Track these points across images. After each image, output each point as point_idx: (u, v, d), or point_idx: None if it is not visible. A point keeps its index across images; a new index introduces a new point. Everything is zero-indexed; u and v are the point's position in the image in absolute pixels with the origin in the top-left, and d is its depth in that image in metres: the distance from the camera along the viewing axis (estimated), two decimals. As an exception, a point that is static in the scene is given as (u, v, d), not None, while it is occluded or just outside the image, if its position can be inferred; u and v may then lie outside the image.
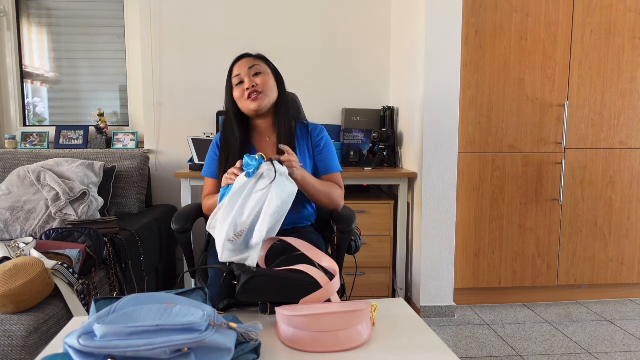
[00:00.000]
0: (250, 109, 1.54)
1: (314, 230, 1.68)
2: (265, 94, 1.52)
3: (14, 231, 2.06)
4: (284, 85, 1.63)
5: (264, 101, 1.52)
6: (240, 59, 1.57)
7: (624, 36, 2.57)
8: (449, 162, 2.45)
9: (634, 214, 2.68)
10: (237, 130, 1.56)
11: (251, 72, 1.53)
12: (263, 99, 1.52)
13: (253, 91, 1.51)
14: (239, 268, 1.16)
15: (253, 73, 1.53)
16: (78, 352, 0.73)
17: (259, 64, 1.56)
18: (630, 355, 2.09)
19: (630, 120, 2.62)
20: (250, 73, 1.53)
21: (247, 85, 1.51)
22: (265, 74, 1.55)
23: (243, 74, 1.53)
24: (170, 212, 2.77)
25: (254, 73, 1.53)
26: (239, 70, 1.54)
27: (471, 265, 2.61)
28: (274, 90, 1.57)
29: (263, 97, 1.52)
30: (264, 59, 1.60)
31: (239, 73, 1.54)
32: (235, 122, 1.57)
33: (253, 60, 1.56)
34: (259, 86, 1.52)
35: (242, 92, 1.53)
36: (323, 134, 1.66)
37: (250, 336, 0.88)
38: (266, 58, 1.61)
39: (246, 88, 1.52)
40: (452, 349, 2.15)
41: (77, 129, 3.00)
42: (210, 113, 2.96)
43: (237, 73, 1.55)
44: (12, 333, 1.34)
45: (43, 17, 3.05)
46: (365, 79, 3.10)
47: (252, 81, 1.52)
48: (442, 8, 2.37)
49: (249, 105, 1.53)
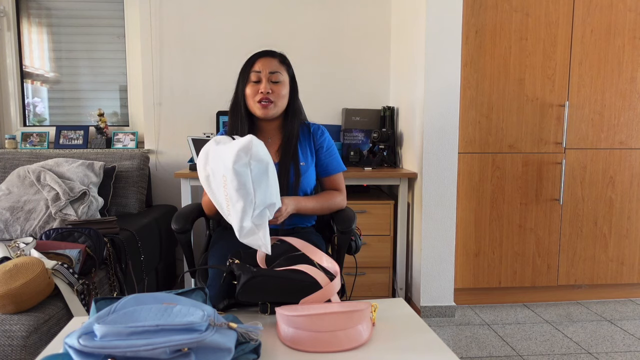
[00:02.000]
0: (257, 114, 1.54)
1: (314, 231, 1.68)
2: (276, 104, 1.52)
3: (14, 231, 2.06)
4: (296, 92, 1.62)
5: (271, 111, 1.52)
6: (265, 56, 1.54)
7: (624, 36, 2.57)
8: (449, 162, 2.45)
9: (634, 214, 2.68)
10: (245, 125, 1.55)
11: (272, 78, 1.51)
12: (272, 109, 1.52)
13: (265, 98, 1.50)
14: (239, 268, 1.16)
15: (273, 79, 1.51)
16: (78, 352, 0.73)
17: (280, 72, 1.53)
18: (630, 355, 2.09)
19: (630, 120, 2.62)
20: (270, 78, 1.51)
21: (263, 89, 1.49)
22: (282, 83, 1.53)
23: (263, 75, 1.51)
24: (170, 212, 2.77)
25: (274, 80, 1.51)
26: (261, 67, 1.51)
27: (471, 265, 2.61)
28: (285, 100, 1.56)
29: (273, 107, 1.52)
30: (287, 64, 1.58)
31: (260, 70, 1.51)
32: (245, 116, 1.56)
33: (277, 65, 1.53)
34: (272, 95, 1.50)
35: (256, 92, 1.51)
36: (325, 136, 1.67)
37: (250, 336, 0.88)
38: (288, 62, 1.60)
39: (260, 92, 1.50)
40: (452, 349, 2.15)
41: (77, 129, 3.00)
42: (210, 113, 2.96)
43: (259, 70, 1.51)
44: (12, 333, 1.34)
45: (43, 17, 3.05)
46: (365, 79, 3.10)
47: (269, 88, 1.50)
48: (442, 8, 2.37)
49: (257, 109, 1.52)
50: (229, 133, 1.59)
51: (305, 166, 1.58)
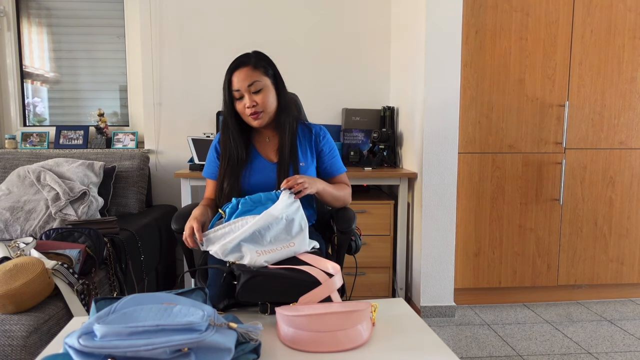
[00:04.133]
0: (254, 125, 1.54)
1: (314, 231, 1.68)
2: (266, 112, 1.52)
3: (14, 231, 2.06)
4: (284, 89, 1.59)
5: (263, 120, 1.52)
6: (238, 68, 1.50)
7: (624, 36, 2.57)
8: (449, 162, 2.45)
9: (634, 214, 2.68)
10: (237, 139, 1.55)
11: (251, 90, 1.49)
12: (263, 118, 1.52)
13: (253, 112, 1.50)
14: (239, 268, 1.16)
15: (253, 90, 1.49)
16: (78, 352, 0.73)
17: (258, 79, 1.49)
18: (630, 355, 2.09)
19: (630, 120, 2.62)
20: (250, 90, 1.48)
21: (248, 104, 1.49)
22: (265, 89, 1.50)
23: (243, 89, 1.49)
24: (170, 212, 2.77)
25: (254, 91, 1.49)
26: (239, 85, 1.48)
27: (471, 265, 2.61)
28: (274, 102, 1.55)
29: (263, 115, 1.51)
30: (263, 65, 1.53)
31: (238, 89, 1.49)
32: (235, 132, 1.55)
33: (252, 73, 1.49)
34: (259, 106, 1.50)
35: (244, 107, 1.51)
36: (327, 137, 1.67)
37: (250, 336, 0.88)
38: (264, 61, 1.54)
39: (247, 107, 1.49)
40: (452, 349, 2.15)
41: (77, 129, 3.00)
42: (210, 113, 2.96)
43: (237, 88, 1.49)
44: (12, 333, 1.34)
45: (43, 17, 3.05)
46: (365, 79, 3.10)
47: (253, 100, 1.49)
48: (442, 8, 2.37)
49: (252, 122, 1.53)
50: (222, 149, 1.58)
51: (305, 167, 1.58)
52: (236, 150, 1.55)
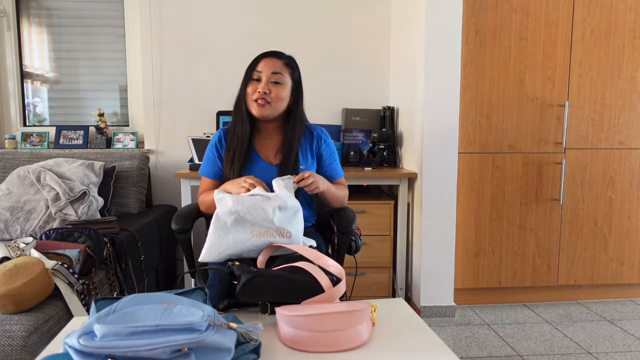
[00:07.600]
0: (253, 113, 1.54)
1: (314, 231, 1.68)
2: (272, 105, 1.52)
3: (14, 231, 2.06)
4: (301, 100, 1.61)
5: (267, 111, 1.52)
6: (270, 56, 1.54)
7: (624, 36, 2.57)
8: (449, 162, 2.45)
9: (634, 214, 2.68)
10: (247, 124, 1.56)
11: (272, 78, 1.51)
12: (267, 109, 1.52)
13: (262, 98, 1.50)
14: (239, 268, 1.16)
15: (273, 80, 1.51)
16: (78, 352, 0.73)
17: (283, 73, 1.53)
18: (630, 355, 2.09)
19: (630, 120, 2.62)
20: (271, 78, 1.51)
21: (261, 89, 1.50)
22: (283, 85, 1.53)
23: (264, 74, 1.51)
24: (170, 212, 2.76)
25: (274, 81, 1.51)
26: (264, 68, 1.52)
27: (471, 265, 2.61)
28: (283, 102, 1.55)
29: (268, 107, 1.52)
30: (293, 67, 1.58)
31: (261, 70, 1.52)
32: (246, 115, 1.57)
33: (281, 66, 1.53)
34: (269, 96, 1.51)
35: (254, 91, 1.52)
36: (328, 142, 1.68)
37: (250, 336, 0.88)
38: (294, 64, 1.59)
39: (258, 91, 1.51)
40: (452, 349, 2.15)
41: (77, 129, 3.00)
42: (210, 113, 2.96)
43: (260, 69, 1.52)
44: (12, 333, 1.34)
45: (43, 17, 3.05)
46: (365, 79, 3.10)
47: (267, 88, 1.50)
48: (442, 8, 2.37)
49: (253, 108, 1.53)
50: (231, 132, 1.59)
51: (305, 169, 1.58)
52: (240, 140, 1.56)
